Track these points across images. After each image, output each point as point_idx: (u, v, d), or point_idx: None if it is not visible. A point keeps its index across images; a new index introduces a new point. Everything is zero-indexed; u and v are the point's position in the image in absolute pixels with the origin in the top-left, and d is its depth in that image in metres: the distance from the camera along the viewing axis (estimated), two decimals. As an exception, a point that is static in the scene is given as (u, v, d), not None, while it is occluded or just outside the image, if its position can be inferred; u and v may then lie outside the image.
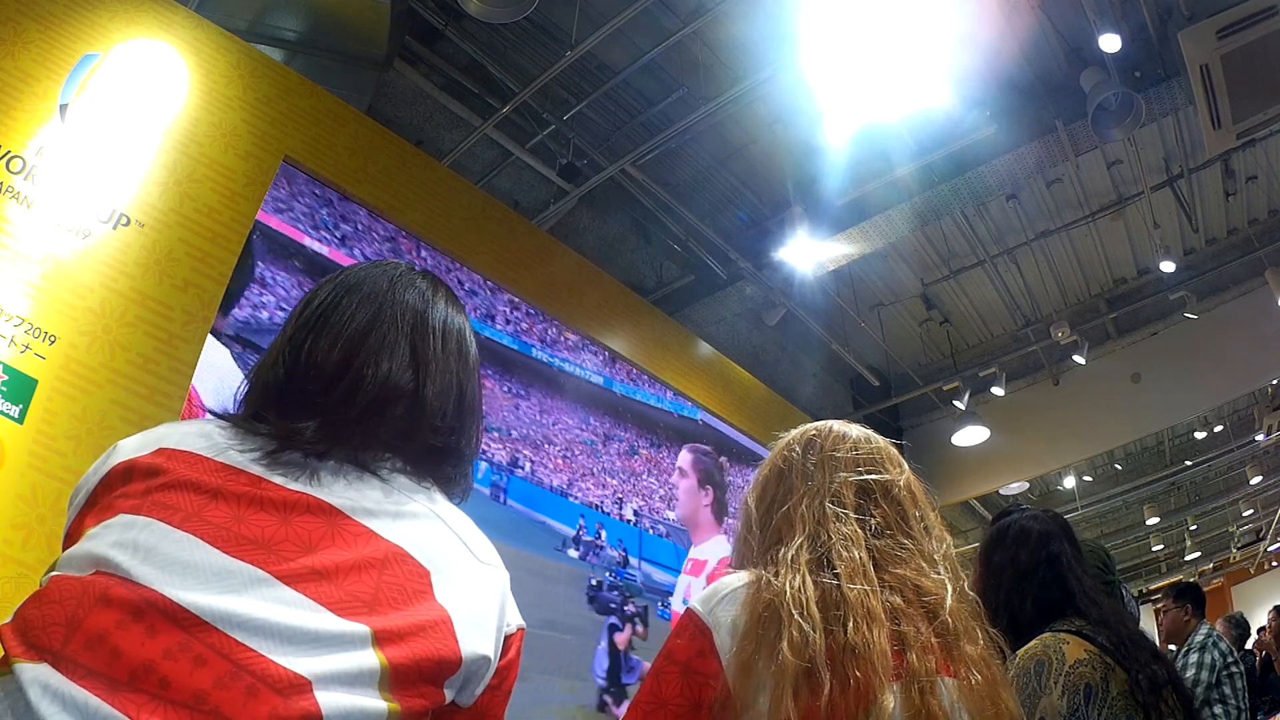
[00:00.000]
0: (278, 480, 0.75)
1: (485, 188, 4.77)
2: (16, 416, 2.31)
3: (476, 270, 3.82)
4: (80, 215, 2.59)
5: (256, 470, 0.75)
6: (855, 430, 1.11)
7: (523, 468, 3.41)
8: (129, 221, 2.68)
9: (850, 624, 0.87)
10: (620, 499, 3.73)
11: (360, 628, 0.68)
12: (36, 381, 2.37)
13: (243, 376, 0.87)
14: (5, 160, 2.49)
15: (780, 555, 0.96)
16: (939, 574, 0.97)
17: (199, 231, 2.82)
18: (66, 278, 2.51)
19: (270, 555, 0.70)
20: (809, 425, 1.14)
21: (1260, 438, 8.24)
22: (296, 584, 0.69)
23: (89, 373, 2.47)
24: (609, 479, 3.70)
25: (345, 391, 0.80)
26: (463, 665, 0.74)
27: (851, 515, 0.99)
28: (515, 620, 0.82)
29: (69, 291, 2.51)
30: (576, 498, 3.57)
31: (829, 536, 0.96)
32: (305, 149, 3.22)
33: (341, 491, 0.77)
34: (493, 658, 0.77)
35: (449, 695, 0.74)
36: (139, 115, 2.78)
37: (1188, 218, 5.81)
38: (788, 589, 0.90)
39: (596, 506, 3.63)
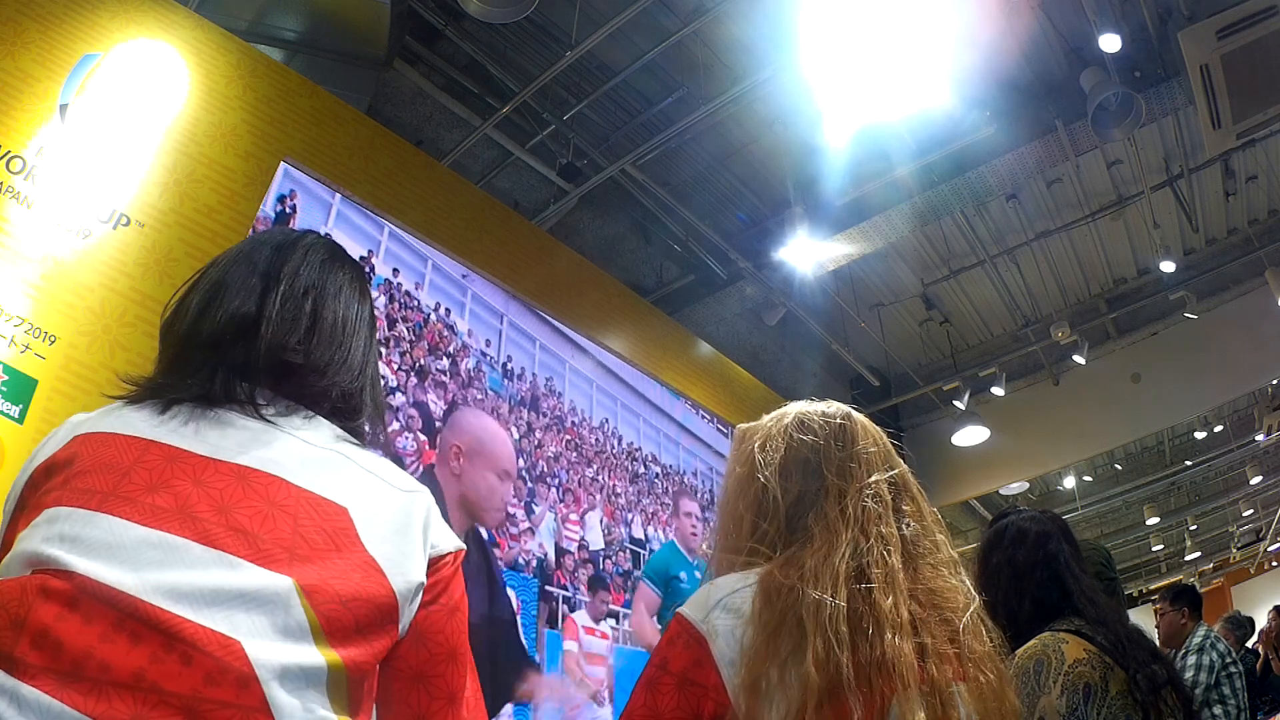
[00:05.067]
0: (186, 446, 0.76)
1: (485, 188, 4.77)
2: (16, 416, 2.31)
3: (477, 270, 3.82)
4: (80, 215, 2.59)
5: (164, 439, 0.77)
6: (865, 418, 1.06)
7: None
8: (129, 221, 2.68)
9: (884, 636, 0.84)
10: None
11: (283, 579, 0.69)
12: (36, 381, 2.37)
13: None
14: (5, 160, 2.49)
15: (810, 560, 0.90)
16: (954, 576, 0.95)
17: (199, 231, 2.82)
18: (66, 278, 2.51)
19: (187, 520, 0.70)
20: (829, 408, 1.06)
21: (1260, 438, 8.23)
22: (216, 544, 0.69)
23: (89, 373, 2.47)
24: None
25: (212, 332, 0.84)
26: (399, 601, 0.74)
27: (891, 515, 0.95)
28: (445, 544, 0.81)
29: (69, 291, 2.51)
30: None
31: (870, 541, 0.91)
32: (305, 149, 3.22)
33: (247, 448, 0.78)
34: (424, 580, 0.77)
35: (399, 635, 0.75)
36: (139, 115, 2.78)
37: (1188, 218, 5.81)
38: (828, 603, 0.85)
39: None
